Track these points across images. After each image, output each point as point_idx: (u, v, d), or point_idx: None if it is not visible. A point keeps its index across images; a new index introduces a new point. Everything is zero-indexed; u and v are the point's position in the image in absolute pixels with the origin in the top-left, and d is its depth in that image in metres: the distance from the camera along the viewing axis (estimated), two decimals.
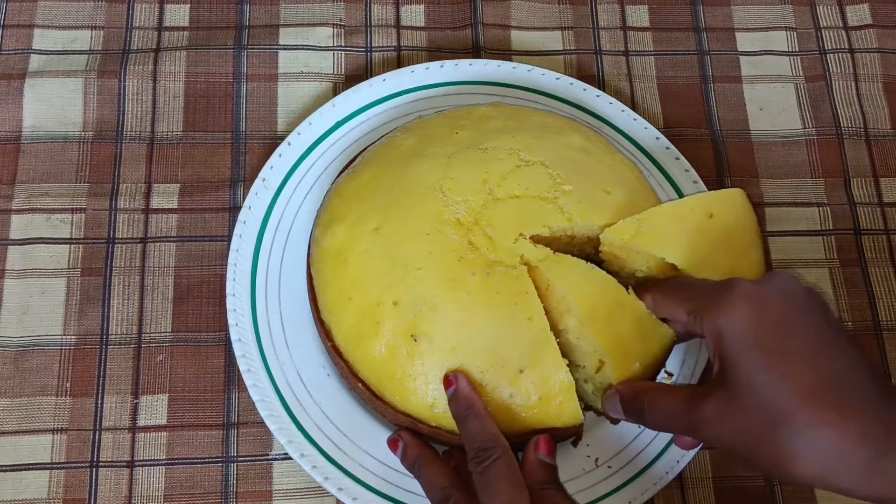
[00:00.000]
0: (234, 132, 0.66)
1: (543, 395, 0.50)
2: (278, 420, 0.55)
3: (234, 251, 0.59)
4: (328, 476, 0.54)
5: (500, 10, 0.71)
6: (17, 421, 0.57)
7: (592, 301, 0.50)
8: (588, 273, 0.51)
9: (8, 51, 0.67)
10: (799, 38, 0.72)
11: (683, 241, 0.51)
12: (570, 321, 0.51)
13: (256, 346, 0.57)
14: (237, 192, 0.64)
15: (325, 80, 0.68)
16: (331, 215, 0.57)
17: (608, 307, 0.50)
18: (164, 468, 0.57)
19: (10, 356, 0.58)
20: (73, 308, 0.60)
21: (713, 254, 0.52)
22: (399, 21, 0.70)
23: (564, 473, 0.55)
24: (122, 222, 0.62)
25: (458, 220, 0.53)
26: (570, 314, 0.51)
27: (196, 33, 0.69)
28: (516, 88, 0.66)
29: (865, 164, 0.68)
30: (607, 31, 0.71)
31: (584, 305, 0.50)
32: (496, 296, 0.51)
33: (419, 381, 0.51)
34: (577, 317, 0.50)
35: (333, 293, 0.54)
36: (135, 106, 0.66)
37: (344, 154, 0.63)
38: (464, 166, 0.55)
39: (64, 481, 0.56)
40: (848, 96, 0.70)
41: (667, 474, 0.55)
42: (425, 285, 0.51)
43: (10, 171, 0.63)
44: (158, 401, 0.58)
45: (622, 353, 0.50)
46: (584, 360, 0.52)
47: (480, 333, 0.50)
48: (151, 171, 0.64)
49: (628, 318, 0.50)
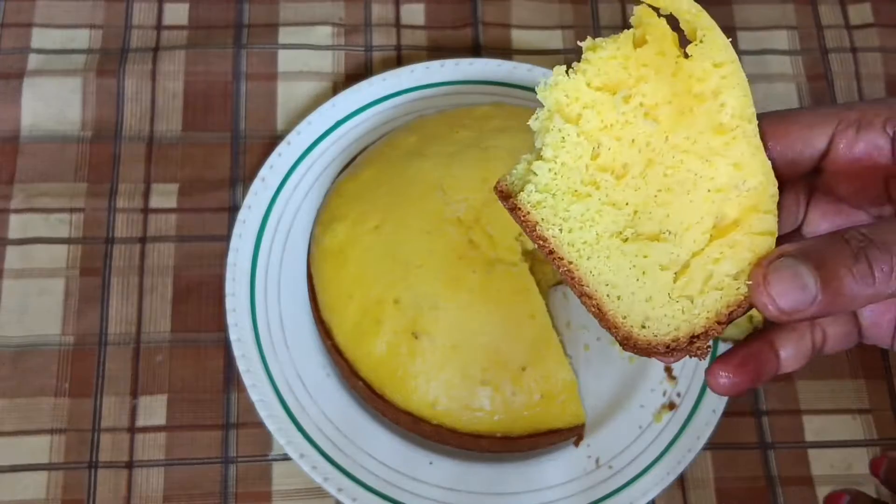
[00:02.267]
0: (234, 132, 0.65)
1: (545, 393, 0.50)
2: (277, 420, 0.55)
3: (234, 251, 0.59)
4: (328, 477, 0.54)
5: (500, 9, 0.71)
6: (16, 421, 0.57)
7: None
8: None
9: (6, 50, 0.66)
10: (800, 38, 0.72)
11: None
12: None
13: (256, 346, 0.57)
14: (236, 192, 0.63)
15: (324, 79, 0.67)
16: (331, 214, 0.56)
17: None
18: (163, 469, 0.56)
19: (8, 356, 0.58)
20: (72, 308, 0.60)
21: None
22: (399, 20, 0.70)
23: (565, 474, 0.55)
24: (120, 222, 0.62)
25: (458, 219, 0.53)
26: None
27: (195, 32, 0.68)
28: (517, 88, 0.65)
29: None
30: (608, 30, 0.71)
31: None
32: (497, 293, 0.50)
33: (420, 379, 0.51)
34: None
35: (334, 292, 0.54)
36: (134, 105, 0.65)
37: (344, 153, 0.62)
38: (464, 165, 0.55)
39: (63, 482, 0.56)
40: (850, 96, 0.70)
41: (668, 475, 0.55)
42: (426, 283, 0.51)
43: (8, 171, 0.63)
44: (157, 401, 0.58)
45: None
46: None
47: (482, 331, 0.50)
48: (150, 171, 0.64)
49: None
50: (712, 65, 0.29)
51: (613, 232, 0.31)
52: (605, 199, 0.31)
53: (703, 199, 0.30)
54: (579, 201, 0.31)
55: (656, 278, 0.31)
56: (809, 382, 0.61)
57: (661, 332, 0.31)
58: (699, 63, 0.29)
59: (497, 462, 0.55)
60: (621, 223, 0.31)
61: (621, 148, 0.30)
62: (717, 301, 0.30)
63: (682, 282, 0.31)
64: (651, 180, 0.30)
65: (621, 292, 0.31)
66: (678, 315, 0.31)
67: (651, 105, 0.30)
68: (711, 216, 0.30)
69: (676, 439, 0.56)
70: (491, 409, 0.52)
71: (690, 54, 0.30)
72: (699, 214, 0.30)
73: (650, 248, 0.31)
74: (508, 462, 0.55)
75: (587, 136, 0.31)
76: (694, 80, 0.30)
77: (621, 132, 0.30)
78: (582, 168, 0.31)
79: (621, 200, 0.31)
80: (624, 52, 0.30)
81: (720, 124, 0.30)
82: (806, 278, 0.28)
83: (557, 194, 0.31)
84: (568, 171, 0.31)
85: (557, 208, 0.31)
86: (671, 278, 0.31)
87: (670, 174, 0.30)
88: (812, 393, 0.60)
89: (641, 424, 0.56)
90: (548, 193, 0.31)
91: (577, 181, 0.31)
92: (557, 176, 0.31)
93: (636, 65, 0.30)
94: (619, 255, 0.31)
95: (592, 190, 0.31)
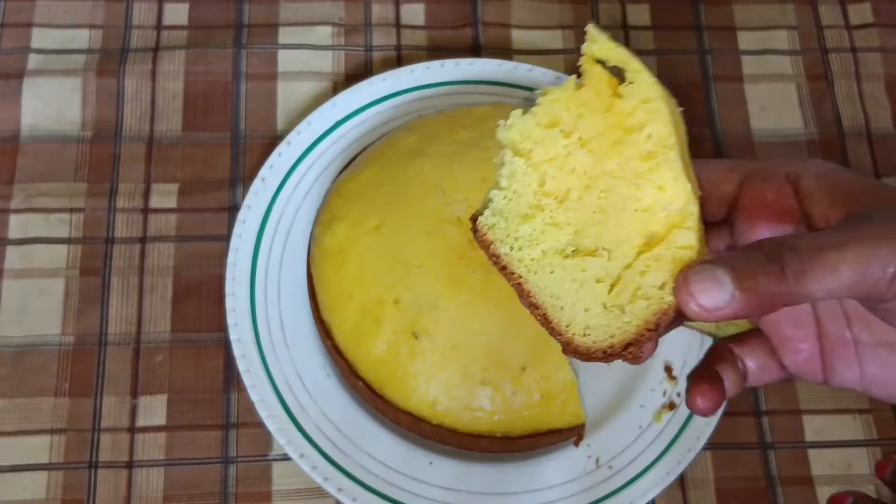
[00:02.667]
0: (234, 132, 0.65)
1: (546, 393, 0.50)
2: (277, 420, 0.55)
3: (234, 251, 0.59)
4: (328, 477, 0.54)
5: (500, 8, 0.71)
6: (16, 421, 0.57)
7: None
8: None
9: (6, 50, 0.66)
10: (801, 37, 0.72)
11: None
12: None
13: (256, 346, 0.57)
14: (236, 192, 0.63)
15: (324, 79, 0.67)
16: (331, 214, 0.56)
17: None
18: (162, 469, 0.56)
19: (8, 356, 0.58)
20: (72, 308, 0.60)
21: None
22: (399, 20, 0.70)
23: (565, 474, 0.55)
24: (120, 222, 0.62)
25: (458, 219, 0.53)
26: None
27: (195, 32, 0.68)
28: (517, 88, 0.65)
29: (867, 163, 0.68)
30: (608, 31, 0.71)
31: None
32: (497, 293, 0.50)
33: (420, 379, 0.51)
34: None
35: (334, 292, 0.54)
36: (133, 105, 0.65)
37: (344, 153, 0.62)
38: (464, 165, 0.55)
39: (63, 482, 0.56)
40: (850, 96, 0.70)
41: (668, 475, 0.55)
42: (426, 283, 0.51)
43: (8, 171, 0.63)
44: (157, 401, 0.58)
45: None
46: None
47: (482, 331, 0.50)
48: (150, 171, 0.64)
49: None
50: (641, 101, 0.33)
51: (556, 249, 0.35)
52: (548, 220, 0.35)
53: (632, 219, 0.34)
54: (526, 223, 0.35)
55: (593, 290, 0.34)
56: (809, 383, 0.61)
57: (600, 339, 0.34)
58: (629, 100, 0.34)
59: (497, 462, 0.55)
60: (563, 241, 0.35)
61: (563, 176, 0.35)
62: (645, 309, 0.33)
63: (614, 293, 0.34)
64: (588, 203, 0.34)
65: (564, 303, 0.35)
66: (613, 323, 0.34)
67: (588, 138, 0.34)
68: (640, 234, 0.34)
69: (676, 439, 0.56)
70: (491, 409, 0.52)
71: (622, 94, 0.34)
72: (629, 232, 0.34)
73: (587, 263, 0.34)
74: (508, 462, 0.55)
75: (535, 167, 0.35)
76: (625, 115, 0.34)
77: (563, 162, 0.35)
78: (530, 194, 0.35)
79: (563, 221, 0.35)
80: (567, 94, 0.35)
81: (646, 153, 0.33)
82: (722, 278, 0.31)
83: (509, 217, 0.35)
84: (518, 197, 0.35)
85: (509, 229, 0.35)
86: (606, 290, 0.34)
87: (604, 197, 0.34)
88: (812, 393, 0.60)
89: (641, 424, 0.56)
90: (500, 217, 0.35)
91: (525, 206, 0.35)
92: (510, 202, 0.35)
93: (576, 105, 0.35)
94: (561, 269, 0.35)
95: (538, 213, 0.35)
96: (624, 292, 0.34)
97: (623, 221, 0.34)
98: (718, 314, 0.31)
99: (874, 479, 0.58)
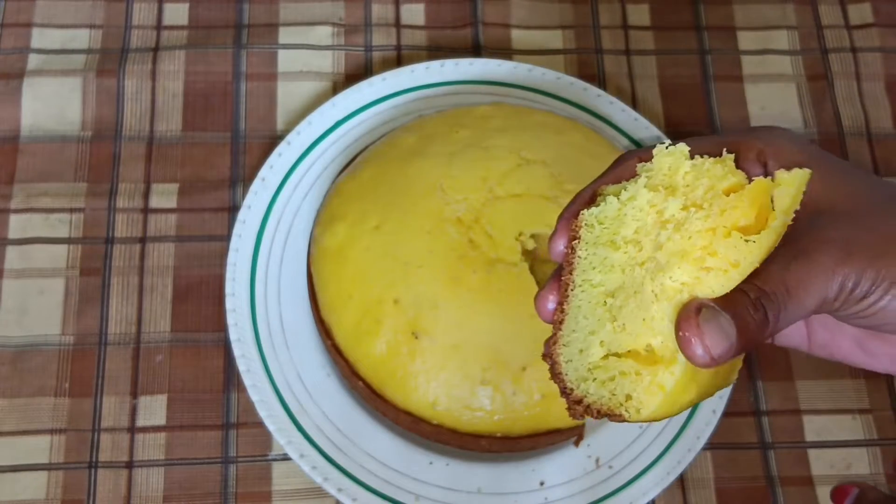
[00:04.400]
0: (234, 132, 0.65)
1: (546, 393, 0.50)
2: (277, 420, 0.55)
3: (234, 251, 0.59)
4: (328, 477, 0.54)
5: (500, 8, 0.71)
6: (16, 421, 0.57)
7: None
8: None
9: (6, 50, 0.66)
10: (801, 37, 0.72)
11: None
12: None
13: (255, 346, 0.57)
14: (236, 192, 0.63)
15: (324, 79, 0.67)
16: (331, 214, 0.56)
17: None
18: (162, 469, 0.56)
19: (8, 356, 0.58)
20: (72, 308, 0.60)
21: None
22: (399, 20, 0.70)
23: (565, 474, 0.55)
24: (120, 222, 0.62)
25: (458, 219, 0.53)
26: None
27: (195, 32, 0.68)
28: (517, 88, 0.65)
29: (867, 163, 0.68)
30: (608, 30, 0.71)
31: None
32: (498, 293, 0.50)
33: (420, 378, 0.51)
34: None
35: (334, 292, 0.54)
36: (133, 105, 0.65)
37: (344, 153, 0.62)
38: (464, 165, 0.55)
39: (62, 482, 0.56)
40: (850, 96, 0.70)
41: (668, 475, 0.55)
42: (426, 283, 0.51)
43: (8, 171, 0.63)
44: (157, 401, 0.58)
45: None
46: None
47: (482, 331, 0.50)
48: (150, 171, 0.64)
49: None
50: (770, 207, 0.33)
51: (607, 290, 0.35)
52: (622, 261, 0.34)
53: (650, 324, 0.33)
54: (608, 248, 0.35)
55: (593, 347, 0.35)
56: (809, 382, 0.61)
57: (570, 378, 0.35)
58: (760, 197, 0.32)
59: (497, 462, 0.55)
60: (611, 288, 0.35)
61: (650, 236, 0.34)
62: (606, 398, 0.34)
63: (606, 359, 0.35)
64: (646, 283, 0.34)
65: (576, 327, 0.35)
66: (583, 377, 0.35)
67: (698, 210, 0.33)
68: (648, 337, 0.34)
69: (676, 439, 0.56)
70: (491, 409, 0.52)
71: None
72: (644, 330, 0.34)
73: (605, 326, 0.34)
74: (508, 462, 0.55)
75: (654, 206, 0.34)
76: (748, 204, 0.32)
77: (658, 230, 0.34)
78: (632, 227, 0.34)
79: (628, 272, 0.34)
80: (712, 171, 0.34)
81: (734, 260, 0.32)
82: (727, 327, 0.32)
83: (603, 231, 0.35)
84: (621, 221, 0.34)
85: (597, 240, 0.35)
86: (603, 352, 0.35)
87: (658, 287, 0.33)
88: (812, 393, 0.60)
89: (641, 424, 0.56)
90: (600, 224, 0.35)
91: (619, 234, 0.34)
92: (616, 219, 0.35)
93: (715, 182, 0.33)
94: (593, 308, 0.35)
95: (622, 248, 0.34)
96: (608, 367, 0.34)
97: (646, 320, 0.34)
98: (720, 362, 0.32)
99: (874, 478, 0.58)
